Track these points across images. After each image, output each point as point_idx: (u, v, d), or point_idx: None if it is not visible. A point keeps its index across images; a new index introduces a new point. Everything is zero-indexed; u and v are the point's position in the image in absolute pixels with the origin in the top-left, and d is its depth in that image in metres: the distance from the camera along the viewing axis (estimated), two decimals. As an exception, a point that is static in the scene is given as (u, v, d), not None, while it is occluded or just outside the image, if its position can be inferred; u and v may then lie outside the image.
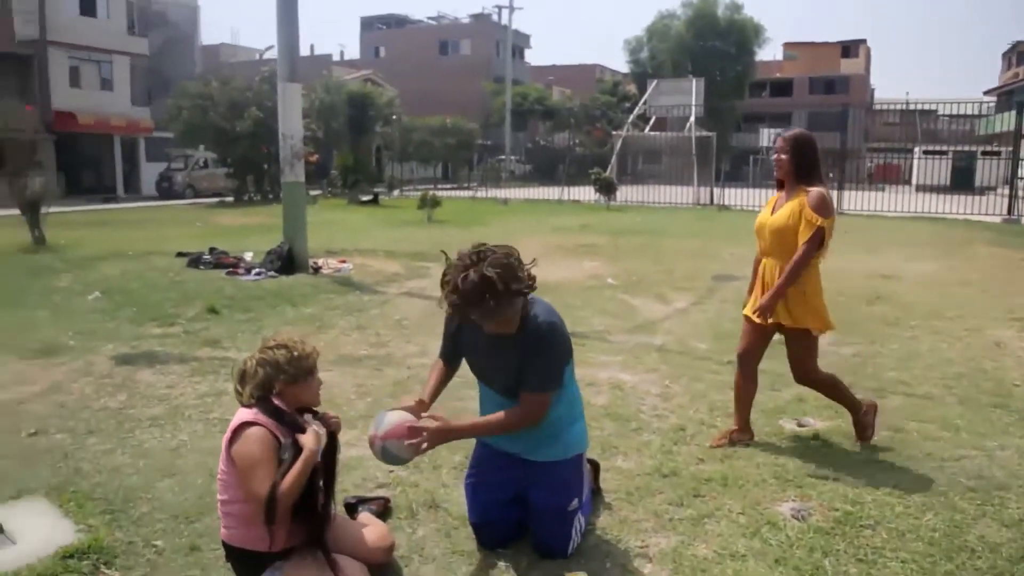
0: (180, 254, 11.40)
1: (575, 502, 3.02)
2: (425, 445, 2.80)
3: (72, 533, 3.15)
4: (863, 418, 4.17)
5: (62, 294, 8.71)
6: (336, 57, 59.83)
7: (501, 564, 3.00)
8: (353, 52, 68.42)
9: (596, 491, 3.53)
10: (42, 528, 3.21)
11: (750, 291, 4.23)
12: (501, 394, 3.01)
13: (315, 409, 2.95)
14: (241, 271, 10.09)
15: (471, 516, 3.16)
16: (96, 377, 5.45)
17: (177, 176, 32.90)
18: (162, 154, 35.28)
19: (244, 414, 2.71)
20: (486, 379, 3.10)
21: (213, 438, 4.12)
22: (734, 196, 24.10)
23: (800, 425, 4.52)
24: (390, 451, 2.80)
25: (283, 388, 2.76)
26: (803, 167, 3.92)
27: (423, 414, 2.93)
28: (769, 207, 4.11)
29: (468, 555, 3.07)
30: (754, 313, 4.02)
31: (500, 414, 2.93)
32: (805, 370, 4.11)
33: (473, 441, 3.27)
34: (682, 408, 4.82)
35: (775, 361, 5.86)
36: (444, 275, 2.82)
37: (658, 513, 3.39)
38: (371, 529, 2.96)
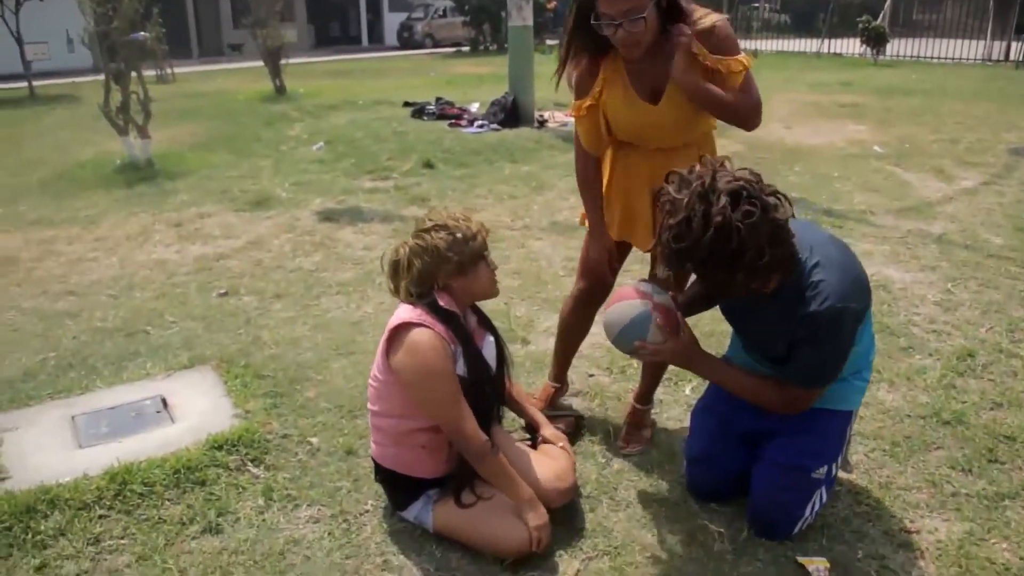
0: (407, 104, 11.23)
1: (823, 469, 2.16)
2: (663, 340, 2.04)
3: (228, 418, 2.85)
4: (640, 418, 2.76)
5: (289, 143, 8.78)
6: None
7: (712, 529, 2.26)
8: None
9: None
10: (202, 408, 2.95)
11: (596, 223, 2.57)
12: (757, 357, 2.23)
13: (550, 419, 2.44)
14: (464, 123, 9.71)
15: (689, 447, 2.41)
16: (297, 233, 5.26)
17: (417, 26, 33.09)
18: (404, 4, 35.58)
19: (405, 312, 2.12)
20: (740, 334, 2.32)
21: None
22: (1038, 51, 19.89)
23: None
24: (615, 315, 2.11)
25: (449, 281, 2.16)
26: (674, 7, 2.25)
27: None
28: (624, 101, 2.40)
29: (672, 506, 2.38)
30: None
31: (757, 382, 2.12)
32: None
33: None
34: (970, 325, 3.70)
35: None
36: (659, 199, 1.86)
37: (935, 480, 2.48)
38: (549, 464, 2.33)
